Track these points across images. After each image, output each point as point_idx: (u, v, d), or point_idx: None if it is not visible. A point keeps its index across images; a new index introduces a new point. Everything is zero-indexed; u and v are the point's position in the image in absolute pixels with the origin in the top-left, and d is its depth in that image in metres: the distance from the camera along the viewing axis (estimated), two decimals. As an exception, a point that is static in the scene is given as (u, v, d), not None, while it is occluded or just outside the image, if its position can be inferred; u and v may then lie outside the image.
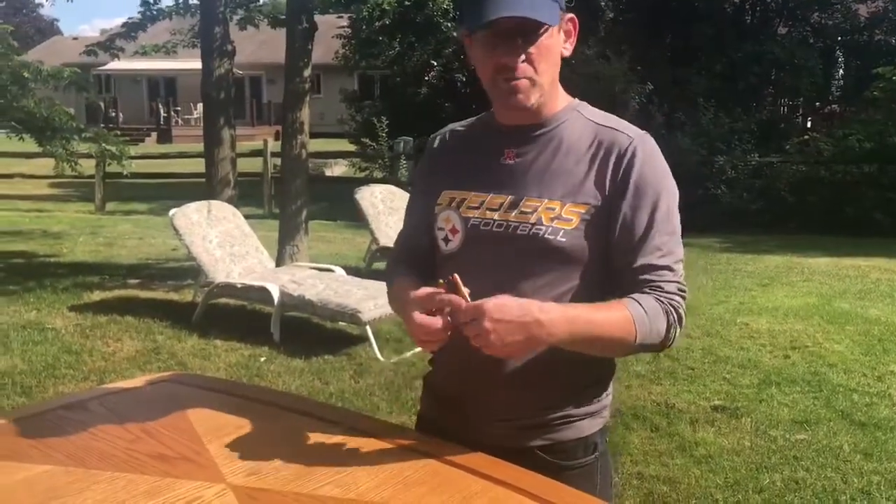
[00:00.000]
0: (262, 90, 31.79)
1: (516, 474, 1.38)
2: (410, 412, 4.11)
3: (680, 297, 1.43)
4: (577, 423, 1.53)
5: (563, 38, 1.46)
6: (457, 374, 1.57)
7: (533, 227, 1.44)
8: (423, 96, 15.31)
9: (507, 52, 1.40)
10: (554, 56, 1.44)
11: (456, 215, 1.53)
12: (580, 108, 1.52)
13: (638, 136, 1.47)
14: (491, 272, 1.48)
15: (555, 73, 1.47)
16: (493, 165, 1.51)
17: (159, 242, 9.34)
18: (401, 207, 7.18)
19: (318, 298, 5.12)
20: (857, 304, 6.52)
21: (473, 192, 1.52)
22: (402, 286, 1.58)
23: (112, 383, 1.94)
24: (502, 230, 1.47)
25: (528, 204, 1.45)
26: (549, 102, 1.48)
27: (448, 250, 1.55)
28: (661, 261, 1.43)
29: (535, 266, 1.46)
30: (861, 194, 11.49)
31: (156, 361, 4.82)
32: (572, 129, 1.49)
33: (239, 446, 1.48)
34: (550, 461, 1.49)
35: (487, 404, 1.53)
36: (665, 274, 1.43)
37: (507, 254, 1.47)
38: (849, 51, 16.89)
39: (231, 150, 6.94)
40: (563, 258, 1.44)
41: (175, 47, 8.46)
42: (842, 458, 3.60)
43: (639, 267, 1.43)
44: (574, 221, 1.43)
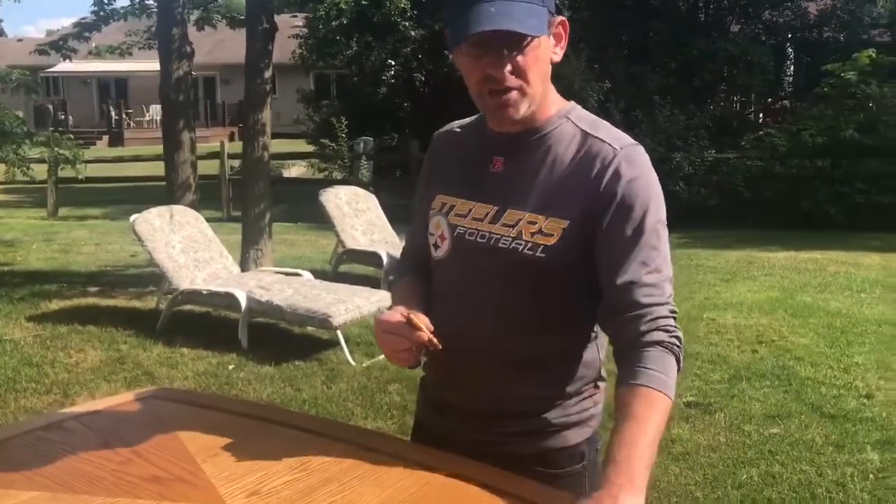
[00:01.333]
0: (216, 91, 31.38)
1: (523, 486, 1.36)
2: (386, 417, 4.07)
3: (674, 319, 1.37)
4: (562, 433, 1.51)
5: (552, 42, 1.42)
6: (442, 381, 1.58)
7: (513, 241, 1.41)
8: (382, 96, 15.23)
9: (493, 62, 1.35)
10: (543, 64, 1.40)
11: (445, 222, 1.51)
12: (571, 114, 1.47)
13: (625, 148, 1.41)
14: (475, 282, 1.48)
15: (545, 80, 1.42)
16: (482, 173, 1.49)
17: (117, 248, 9.14)
18: (366, 209, 7.14)
19: (286, 304, 5.04)
20: (819, 298, 6.63)
21: (462, 199, 1.50)
22: (401, 290, 1.61)
23: (90, 401, 1.86)
24: (485, 242, 1.44)
25: (511, 216, 1.42)
26: (540, 109, 1.44)
27: (437, 256, 1.53)
28: (648, 278, 1.36)
29: (516, 279, 1.43)
30: (815, 189, 11.72)
31: (121, 371, 4.71)
32: (561, 137, 1.44)
33: (235, 465, 1.43)
34: (538, 470, 1.47)
35: (471, 411, 1.52)
36: (655, 295, 1.36)
37: (490, 266, 1.45)
38: (799, 47, 17.22)
39: (191, 153, 6.81)
40: (543, 272, 1.41)
41: (130, 48, 8.26)
42: (815, 451, 3.65)
43: (624, 284, 1.36)
44: (555, 237, 1.39)
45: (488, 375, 1.49)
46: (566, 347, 1.50)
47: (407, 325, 1.39)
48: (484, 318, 1.46)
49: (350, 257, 6.88)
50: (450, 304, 1.50)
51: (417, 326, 1.38)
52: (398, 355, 1.43)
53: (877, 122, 12.01)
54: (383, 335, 1.42)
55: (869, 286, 7.06)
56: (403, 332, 1.39)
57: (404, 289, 1.61)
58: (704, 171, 12.61)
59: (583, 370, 1.51)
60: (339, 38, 15.14)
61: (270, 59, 6.64)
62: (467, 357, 1.48)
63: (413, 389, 4.35)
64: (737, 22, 16.49)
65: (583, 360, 1.50)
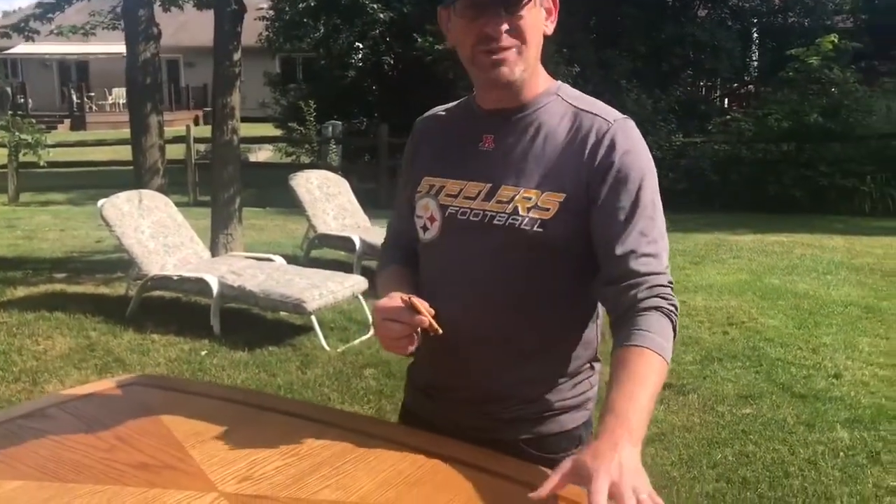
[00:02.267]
0: (179, 74, 30.90)
1: (519, 468, 1.36)
2: (362, 402, 4.06)
3: (671, 289, 1.38)
4: (559, 417, 1.50)
5: (544, 15, 1.42)
6: (436, 366, 1.55)
7: (509, 216, 1.40)
8: (350, 79, 15.09)
9: (489, 21, 1.35)
10: (537, 32, 1.40)
11: (434, 203, 1.49)
12: (560, 92, 1.47)
13: (618, 121, 1.42)
14: (469, 262, 1.46)
15: (538, 49, 1.42)
16: (472, 151, 1.47)
17: (83, 234, 8.98)
18: (338, 193, 7.08)
19: (259, 289, 4.99)
20: (786, 280, 6.73)
21: (452, 179, 1.48)
22: (388, 278, 1.58)
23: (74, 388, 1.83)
24: (479, 220, 1.43)
25: (505, 192, 1.41)
26: (531, 83, 1.44)
27: (426, 239, 1.51)
28: (647, 248, 1.37)
29: (513, 256, 1.42)
30: (781, 172, 11.87)
31: (91, 359, 4.63)
32: (552, 113, 1.44)
33: (225, 451, 1.41)
34: (534, 454, 1.47)
35: (467, 396, 1.51)
36: (652, 264, 1.37)
37: (484, 244, 1.43)
38: (764, 32, 17.36)
39: (159, 137, 6.70)
40: (541, 248, 1.40)
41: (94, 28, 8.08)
42: (787, 431, 3.71)
43: (624, 254, 1.37)
44: (552, 210, 1.39)
45: (484, 358, 1.47)
46: (566, 327, 1.49)
47: (408, 310, 1.37)
48: (479, 299, 1.44)
49: (322, 242, 6.83)
50: (443, 286, 1.48)
51: (419, 310, 1.36)
52: (397, 343, 1.39)
53: (840, 107, 12.18)
54: (384, 322, 1.38)
55: (834, 268, 7.19)
56: (404, 317, 1.36)
57: (392, 275, 1.58)
58: (672, 156, 12.71)
59: (580, 350, 1.50)
60: (306, 20, 14.95)
61: (239, 41, 6.55)
62: (462, 340, 1.45)
63: (388, 374, 4.38)
64: (704, 7, 16.58)
65: (582, 340, 1.50)
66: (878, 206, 11.49)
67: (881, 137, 12.11)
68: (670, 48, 14.78)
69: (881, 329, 5.29)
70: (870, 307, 5.82)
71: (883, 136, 12.14)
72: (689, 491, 3.14)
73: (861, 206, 11.51)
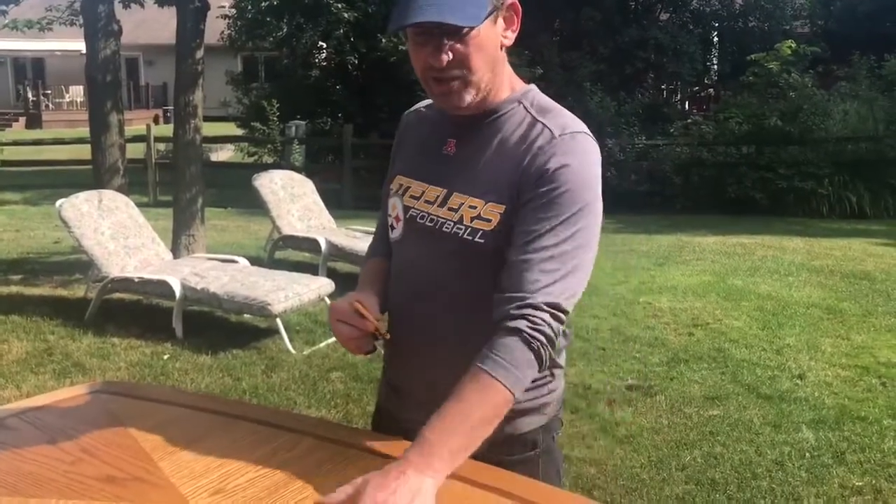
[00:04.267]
0: (139, 72, 30.42)
1: (498, 476, 1.32)
2: (329, 406, 4.01)
3: (550, 315, 1.30)
4: (512, 421, 1.45)
5: (501, 26, 1.38)
6: (397, 365, 1.58)
7: (455, 225, 1.40)
8: (314, 79, 14.98)
9: (432, 52, 1.33)
10: (488, 50, 1.35)
11: (400, 203, 1.50)
12: (525, 98, 1.43)
13: (563, 135, 1.36)
14: (424, 265, 1.47)
15: (494, 65, 1.38)
16: (436, 155, 1.47)
17: (40, 235, 8.77)
18: (303, 194, 7.00)
19: (223, 291, 4.91)
20: (749, 281, 6.81)
21: (416, 180, 1.49)
22: (367, 270, 1.62)
23: (31, 398, 1.76)
24: (433, 225, 1.43)
25: (456, 200, 1.41)
26: (493, 92, 1.41)
27: (393, 238, 1.53)
28: (544, 265, 1.30)
29: (463, 265, 1.41)
30: (741, 175, 12.03)
31: (49, 363, 4.51)
32: (510, 121, 1.41)
33: (195, 462, 1.37)
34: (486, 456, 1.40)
35: (422, 393, 1.49)
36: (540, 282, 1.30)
37: (435, 249, 1.43)
38: (725, 36, 17.61)
39: (119, 136, 6.55)
40: (481, 259, 1.38)
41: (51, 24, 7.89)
42: (753, 432, 3.74)
43: (515, 262, 1.31)
44: (493, 222, 1.36)
45: (439, 359, 1.47)
46: None
47: (356, 314, 1.42)
48: (431, 301, 1.46)
49: (287, 243, 6.74)
50: (402, 285, 1.51)
51: (364, 316, 1.41)
52: (351, 343, 1.46)
53: (798, 111, 12.39)
54: (335, 323, 1.45)
55: (795, 269, 7.28)
56: (352, 320, 1.43)
57: (370, 268, 1.62)
58: (635, 158, 12.85)
59: None
60: (269, 18, 14.80)
61: (202, 38, 6.44)
62: (418, 339, 1.49)
63: (355, 377, 4.34)
64: (665, 10, 16.77)
65: None
66: (835, 209, 11.71)
67: (838, 141, 12.34)
68: (633, 51, 14.91)
69: (842, 330, 5.37)
70: (831, 308, 5.90)
71: (840, 139, 12.38)
72: (659, 493, 3.14)
73: (819, 209, 11.72)
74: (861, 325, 5.48)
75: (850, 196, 11.79)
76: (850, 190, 11.84)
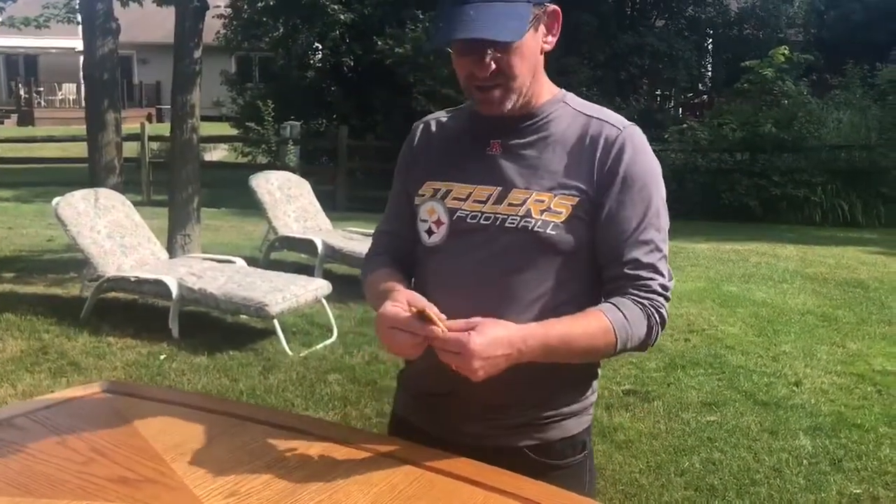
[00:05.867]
0: (133, 71, 30.30)
1: (515, 481, 1.32)
2: (327, 408, 3.99)
3: (663, 297, 1.42)
4: (563, 423, 1.49)
5: (543, 32, 1.41)
6: (435, 371, 1.43)
7: (522, 219, 1.40)
8: (309, 80, 14.93)
9: (476, 62, 1.37)
10: (530, 57, 1.40)
11: (441, 206, 1.48)
12: (567, 99, 1.50)
13: (627, 128, 1.44)
14: (477, 266, 1.44)
15: (535, 71, 1.43)
16: (479, 156, 1.47)
17: (32, 232, 8.72)
18: (299, 195, 6.99)
19: (220, 292, 4.89)
20: (744, 288, 6.83)
21: (458, 183, 1.47)
22: (381, 279, 1.52)
23: (38, 397, 1.75)
24: (490, 223, 1.42)
25: (517, 196, 1.42)
26: (534, 96, 1.45)
27: (432, 243, 1.49)
28: (648, 257, 1.41)
29: (523, 260, 1.41)
30: (734, 181, 12.07)
31: (45, 362, 4.48)
32: (560, 120, 1.46)
33: (208, 464, 1.36)
34: (539, 461, 1.46)
35: (471, 402, 1.46)
36: (650, 272, 1.41)
37: (495, 247, 1.42)
38: (719, 43, 17.67)
39: (116, 134, 6.52)
40: (553, 251, 1.40)
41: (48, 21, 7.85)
42: (751, 438, 3.74)
43: (625, 262, 1.41)
44: (564, 214, 1.40)
45: None
46: None
47: (417, 321, 1.28)
48: (487, 304, 1.38)
49: (283, 244, 6.72)
50: (449, 289, 1.44)
51: (432, 321, 1.27)
52: (414, 350, 1.32)
53: (793, 119, 12.44)
54: (390, 331, 1.31)
55: (789, 277, 7.31)
56: (414, 327, 1.29)
57: (384, 278, 1.50)
58: (629, 163, 12.82)
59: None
60: (265, 19, 14.77)
61: (201, 38, 6.43)
62: None
63: (352, 380, 4.33)
64: (661, 17, 16.81)
65: None
66: (828, 216, 11.77)
67: (831, 149, 12.40)
68: (628, 57, 14.95)
69: (837, 337, 5.39)
70: (826, 316, 5.92)
71: (833, 147, 12.43)
72: (659, 499, 3.14)
73: (811, 216, 11.78)
74: (856, 333, 5.50)
75: (842, 204, 11.85)
76: (843, 198, 11.91)
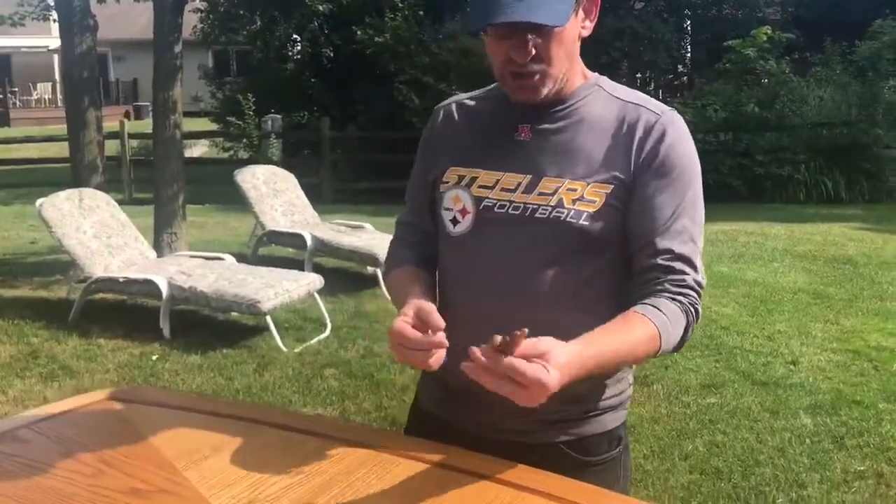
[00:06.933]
0: (108, 68, 29.94)
1: (544, 479, 1.28)
2: (325, 404, 3.95)
3: (697, 293, 1.36)
4: (600, 417, 1.45)
5: (581, 17, 1.36)
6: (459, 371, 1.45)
7: (554, 209, 1.34)
8: (289, 72, 14.81)
9: (517, 46, 1.31)
10: (569, 43, 1.35)
11: (467, 194, 1.41)
12: (601, 83, 1.44)
13: (666, 113, 1.38)
14: (508, 258, 1.38)
15: (572, 57, 1.37)
16: (506, 141, 1.41)
17: (14, 235, 8.59)
18: (285, 189, 6.92)
19: (211, 290, 4.82)
20: (735, 268, 6.83)
21: (485, 169, 1.41)
22: (400, 281, 1.48)
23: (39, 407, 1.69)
24: (519, 213, 1.36)
25: (548, 184, 1.35)
26: (569, 81, 1.39)
27: (457, 232, 1.43)
28: (683, 248, 1.34)
29: (554, 252, 1.35)
30: (718, 161, 12.07)
31: (35, 367, 4.41)
32: (594, 105, 1.40)
33: (222, 472, 1.31)
34: (575, 457, 1.42)
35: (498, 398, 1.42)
36: (684, 265, 1.34)
37: (524, 238, 1.36)
38: (699, 24, 17.67)
39: (98, 132, 6.43)
40: (586, 243, 1.35)
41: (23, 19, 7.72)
42: (752, 419, 3.74)
43: (659, 251, 1.34)
44: (598, 203, 1.34)
45: None
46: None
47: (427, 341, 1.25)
48: (522, 294, 1.35)
49: (271, 239, 6.66)
50: (477, 281, 1.39)
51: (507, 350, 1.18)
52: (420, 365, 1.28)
53: (775, 97, 12.46)
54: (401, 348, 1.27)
55: (779, 255, 7.33)
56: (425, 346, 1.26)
57: (406, 278, 1.47)
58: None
59: None
60: (242, 12, 14.61)
61: (180, 32, 6.33)
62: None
63: (349, 374, 4.29)
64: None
65: None
66: (811, 194, 11.82)
67: (813, 127, 12.44)
68: (609, 41, 14.90)
69: (831, 315, 5.40)
70: (818, 293, 5.94)
71: (815, 125, 12.48)
72: (665, 484, 3.13)
73: (796, 194, 11.82)
74: (849, 310, 5.52)
75: (826, 181, 11.90)
76: (826, 175, 11.95)
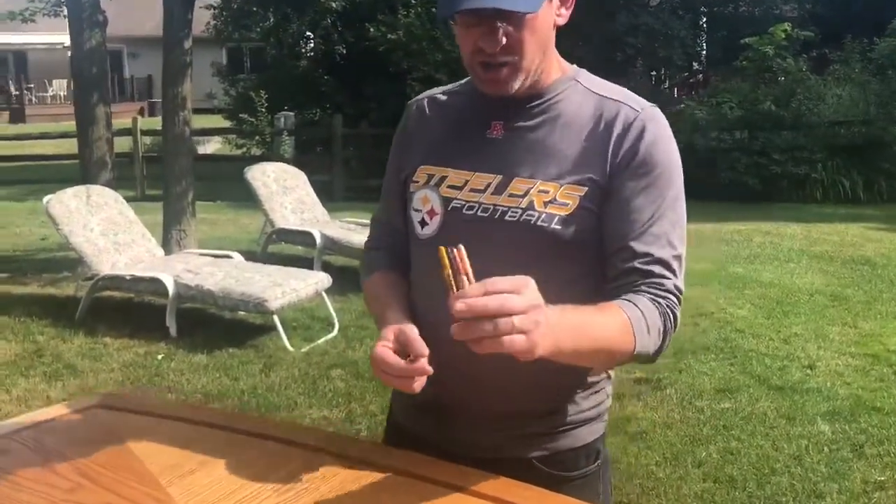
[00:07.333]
0: (123, 65, 30.05)
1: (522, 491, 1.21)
2: (331, 405, 3.89)
3: (677, 298, 1.27)
4: (574, 431, 1.37)
5: (556, 4, 1.27)
6: (443, 381, 1.31)
7: (524, 212, 1.26)
8: (302, 70, 14.76)
9: (485, 34, 1.22)
10: (542, 32, 1.26)
11: (435, 195, 1.33)
12: (579, 77, 1.35)
13: (646, 109, 1.30)
14: (477, 262, 1.27)
15: (546, 47, 1.29)
16: (478, 139, 1.33)
17: (25, 231, 8.58)
18: (296, 187, 6.86)
19: (218, 288, 4.77)
20: (750, 269, 6.72)
21: (454, 168, 1.33)
22: (377, 289, 1.41)
23: (23, 415, 1.63)
24: (488, 215, 1.28)
25: (519, 185, 1.27)
26: (543, 74, 1.31)
27: (424, 235, 1.35)
28: (662, 252, 1.26)
29: (525, 257, 1.25)
30: (734, 160, 11.93)
31: (40, 365, 4.37)
32: (570, 101, 1.32)
33: (208, 487, 1.25)
34: (550, 472, 1.34)
35: (479, 412, 1.34)
36: (664, 268, 1.26)
37: (494, 243, 1.27)
38: (715, 21, 17.49)
39: (107, 129, 6.39)
40: (558, 248, 1.26)
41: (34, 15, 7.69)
42: (768, 425, 3.65)
43: (637, 254, 1.25)
44: (571, 206, 1.25)
45: (499, 369, 1.28)
46: None
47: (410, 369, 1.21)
48: None
49: (280, 237, 6.60)
50: (439, 291, 1.27)
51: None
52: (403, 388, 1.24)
53: (791, 95, 12.29)
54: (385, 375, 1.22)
55: (795, 256, 7.20)
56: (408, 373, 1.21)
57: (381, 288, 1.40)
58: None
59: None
60: (255, 8, 14.58)
61: (190, 28, 6.28)
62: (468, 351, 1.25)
63: (356, 375, 4.22)
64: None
65: None
66: (829, 194, 11.64)
67: (831, 125, 12.26)
68: (624, 38, 14.78)
69: (848, 317, 5.29)
70: (835, 295, 5.82)
71: (833, 123, 12.29)
72: (678, 492, 3.05)
73: (813, 194, 11.65)
74: (867, 312, 5.40)
75: (843, 181, 11.72)
76: (844, 174, 11.77)
